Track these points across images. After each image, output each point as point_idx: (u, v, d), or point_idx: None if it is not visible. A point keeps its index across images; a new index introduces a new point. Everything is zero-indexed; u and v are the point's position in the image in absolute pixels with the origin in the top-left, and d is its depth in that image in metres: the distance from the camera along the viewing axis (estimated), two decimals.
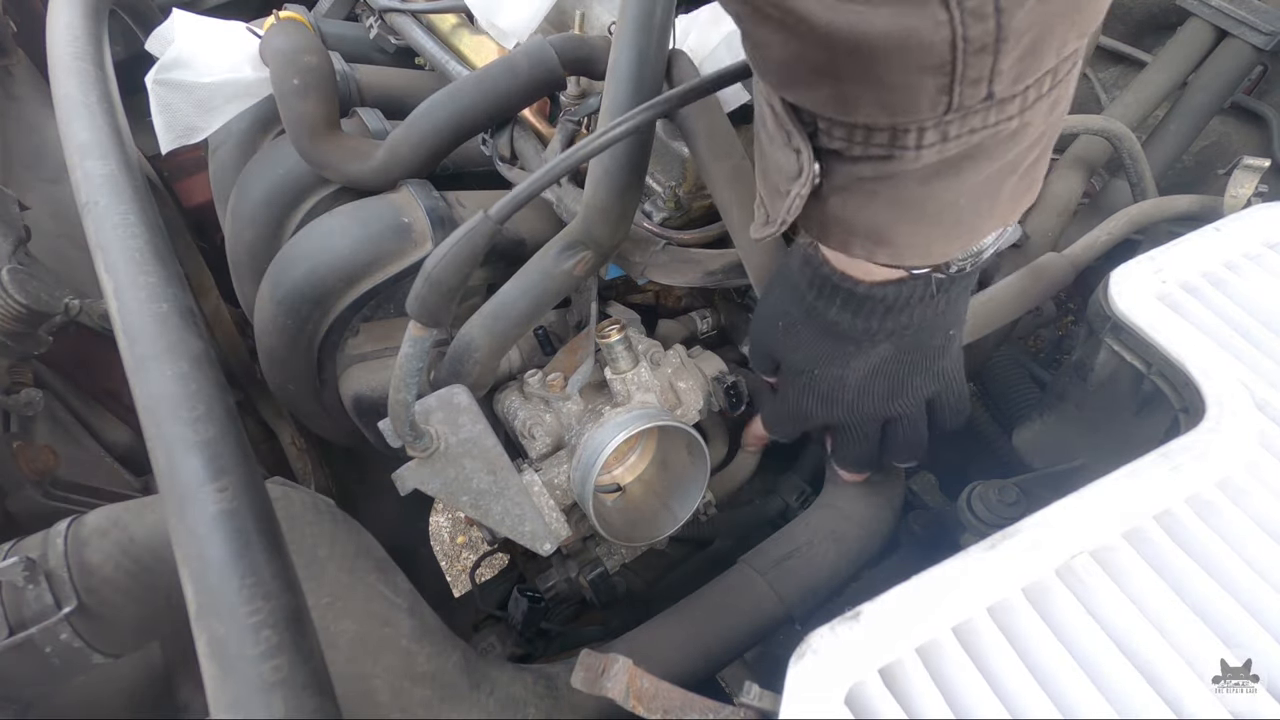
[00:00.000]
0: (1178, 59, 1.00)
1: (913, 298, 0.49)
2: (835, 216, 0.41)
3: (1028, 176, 0.39)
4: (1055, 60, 0.33)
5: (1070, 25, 0.32)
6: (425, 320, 0.50)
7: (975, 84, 0.32)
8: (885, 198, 0.38)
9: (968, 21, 0.29)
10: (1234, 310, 0.56)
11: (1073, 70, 0.35)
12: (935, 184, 0.37)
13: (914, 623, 0.41)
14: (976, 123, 0.34)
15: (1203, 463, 0.47)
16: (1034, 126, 0.35)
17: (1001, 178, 0.38)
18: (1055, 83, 0.34)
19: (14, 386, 0.60)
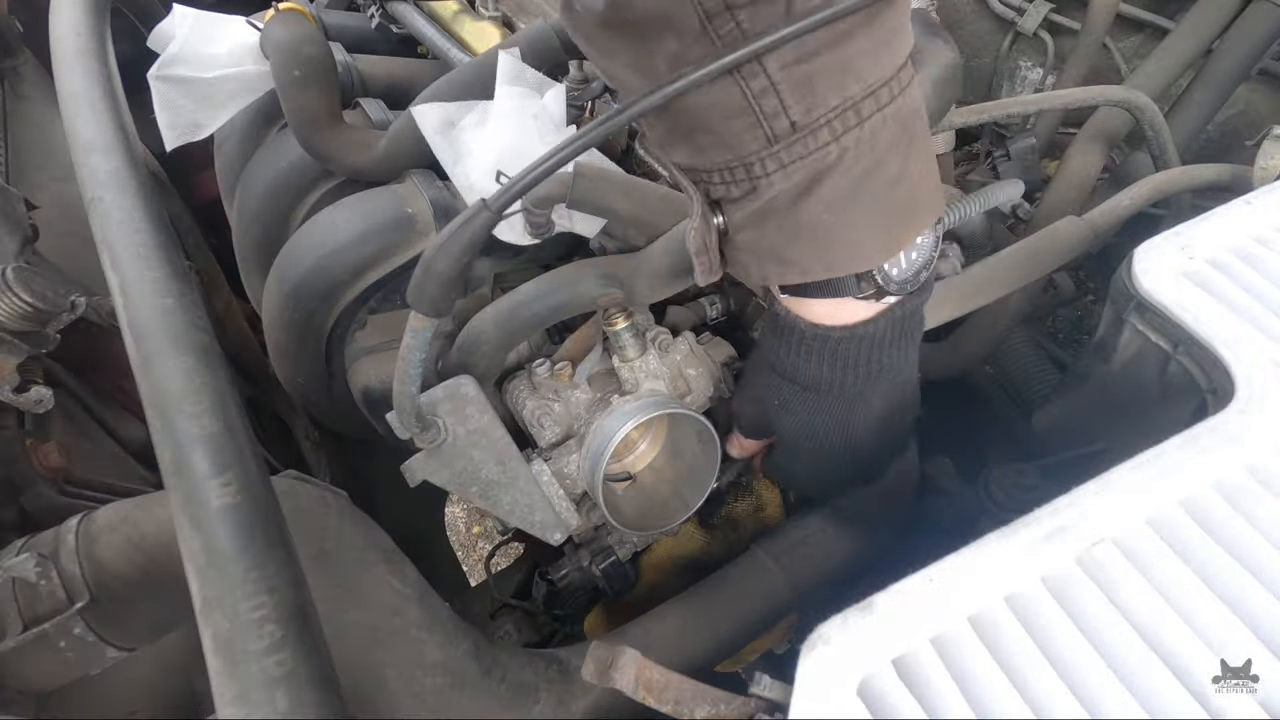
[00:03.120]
0: (1202, 25, 0.97)
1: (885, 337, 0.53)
2: (746, 250, 0.49)
3: (889, 194, 0.45)
4: (840, 99, 0.42)
5: (838, 78, 0.41)
6: (426, 310, 0.49)
7: (776, 117, 0.42)
8: (773, 224, 0.46)
9: (748, 80, 0.41)
10: (1266, 287, 0.54)
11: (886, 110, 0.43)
12: (800, 205, 0.45)
13: (929, 613, 0.40)
14: (800, 150, 0.43)
15: (1231, 446, 0.45)
16: (857, 154, 0.43)
17: (854, 195, 0.44)
18: (861, 120, 0.42)
19: (24, 385, 0.61)
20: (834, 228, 0.46)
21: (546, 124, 0.68)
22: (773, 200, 0.45)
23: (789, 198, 0.45)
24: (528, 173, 0.47)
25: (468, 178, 0.68)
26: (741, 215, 0.47)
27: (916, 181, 0.47)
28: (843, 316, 0.52)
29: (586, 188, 0.61)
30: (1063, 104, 0.81)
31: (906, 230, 0.49)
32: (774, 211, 0.46)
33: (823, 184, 0.44)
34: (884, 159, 0.44)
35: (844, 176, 0.44)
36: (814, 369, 0.55)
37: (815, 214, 0.45)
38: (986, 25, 1.24)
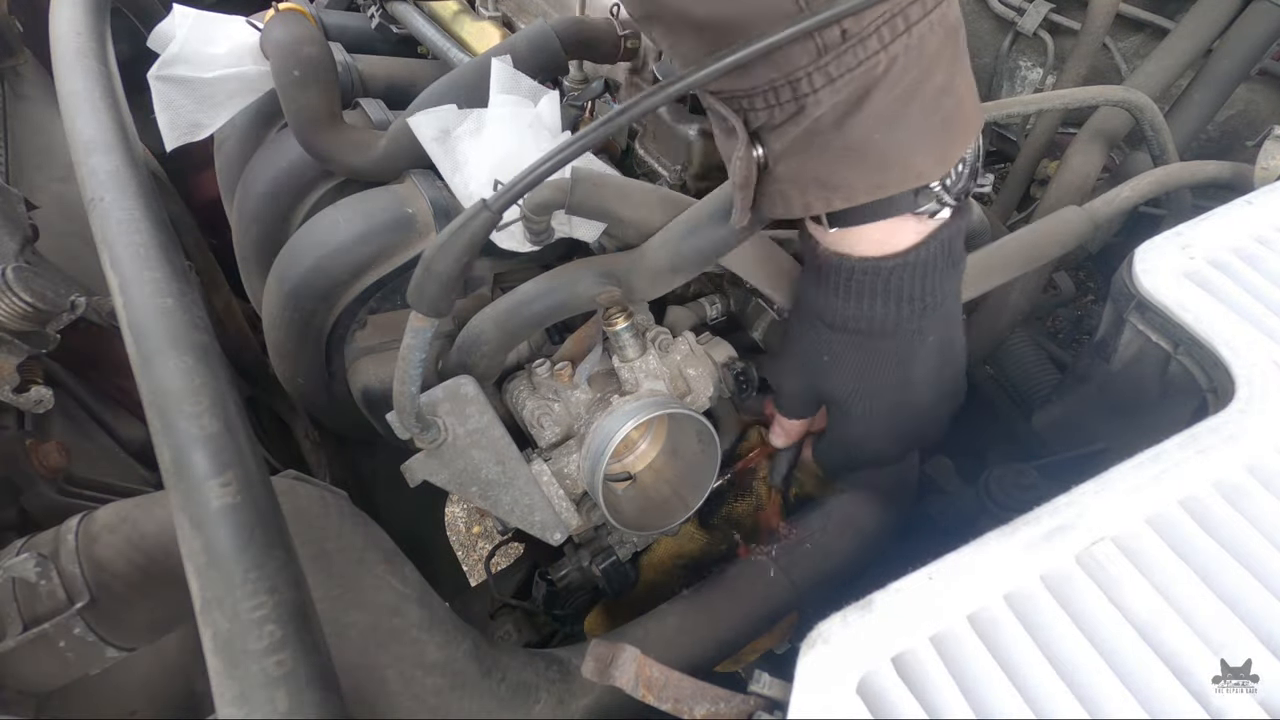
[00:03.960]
0: (1202, 25, 0.97)
1: (936, 261, 0.51)
2: (787, 179, 0.47)
3: (936, 105, 0.44)
4: (889, 3, 0.40)
5: None
6: (426, 310, 0.49)
7: (829, 25, 0.40)
8: (816, 146, 0.45)
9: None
10: (1266, 287, 0.54)
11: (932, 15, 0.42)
12: (847, 123, 0.43)
13: (928, 611, 0.40)
14: (850, 60, 0.41)
15: (1231, 445, 0.45)
16: (906, 63, 0.42)
17: (902, 106, 0.43)
18: (910, 24, 0.41)
19: (24, 385, 0.61)
20: (884, 145, 0.44)
21: (542, 132, 0.68)
22: (819, 121, 0.43)
23: (836, 116, 0.43)
24: (528, 173, 0.47)
25: (466, 187, 0.68)
26: (783, 143, 0.45)
27: (962, 94, 0.45)
28: (894, 243, 0.50)
29: (585, 193, 0.61)
30: (1063, 104, 0.81)
31: (957, 142, 0.47)
32: (819, 133, 0.44)
33: (871, 98, 0.42)
34: (931, 68, 0.43)
35: (893, 89, 0.42)
36: (867, 308, 0.53)
37: (864, 132, 0.43)
38: (986, 25, 1.24)
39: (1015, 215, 1.16)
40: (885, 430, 0.60)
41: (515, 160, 0.66)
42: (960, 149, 0.47)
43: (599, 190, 0.61)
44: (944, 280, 0.53)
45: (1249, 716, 0.36)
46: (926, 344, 0.55)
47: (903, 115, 0.43)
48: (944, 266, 0.52)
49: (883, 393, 0.57)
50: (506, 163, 0.67)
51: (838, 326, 0.55)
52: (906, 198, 0.48)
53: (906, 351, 0.55)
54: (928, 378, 0.57)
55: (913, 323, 0.53)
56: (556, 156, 0.47)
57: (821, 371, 0.58)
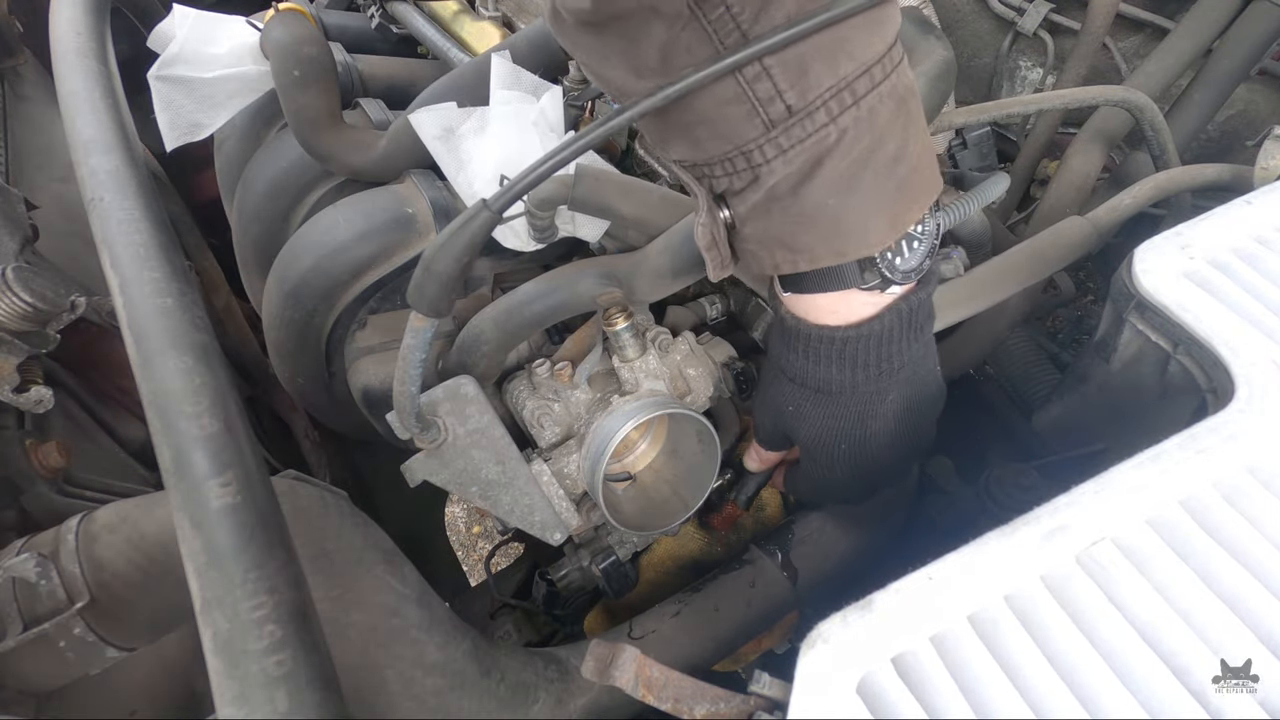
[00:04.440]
0: (1202, 25, 0.97)
1: (893, 333, 0.52)
2: (755, 240, 0.49)
3: (890, 172, 0.45)
4: (834, 79, 0.42)
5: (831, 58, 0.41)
6: (426, 310, 0.49)
7: (770, 102, 0.42)
8: (776, 211, 0.46)
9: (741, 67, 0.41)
10: (1266, 287, 0.54)
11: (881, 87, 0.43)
12: (802, 189, 0.45)
13: (928, 611, 0.40)
14: (799, 133, 0.43)
15: (1231, 445, 0.45)
16: (856, 134, 0.43)
17: (855, 174, 0.44)
18: (858, 99, 0.43)
19: (24, 385, 0.61)
20: (839, 211, 0.45)
21: (545, 129, 0.68)
22: (775, 188, 0.45)
23: (791, 184, 0.45)
24: (529, 173, 0.47)
25: (471, 185, 0.68)
26: (746, 207, 0.47)
27: (916, 159, 0.47)
28: (848, 314, 0.52)
29: (588, 188, 0.61)
30: (1063, 104, 0.81)
31: (910, 209, 0.48)
32: (777, 199, 0.45)
33: (824, 167, 0.44)
34: (883, 137, 0.44)
35: (844, 158, 0.44)
36: (824, 371, 0.54)
37: (819, 198, 0.45)
38: (986, 25, 1.24)
39: (1015, 215, 1.16)
40: (845, 477, 0.62)
41: (519, 158, 0.66)
42: (915, 214, 0.48)
43: (601, 186, 0.62)
44: (905, 347, 0.54)
45: (1249, 716, 0.36)
46: (885, 403, 0.56)
47: (856, 183, 0.45)
48: (904, 336, 0.53)
49: (842, 445, 0.59)
50: (510, 160, 0.67)
51: (798, 381, 0.57)
52: (851, 273, 0.49)
53: (865, 410, 0.56)
54: (888, 434, 0.58)
55: (869, 385, 0.54)
56: (557, 156, 0.47)
57: (787, 420, 0.61)
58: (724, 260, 0.51)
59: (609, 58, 0.44)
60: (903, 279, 0.50)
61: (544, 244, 0.67)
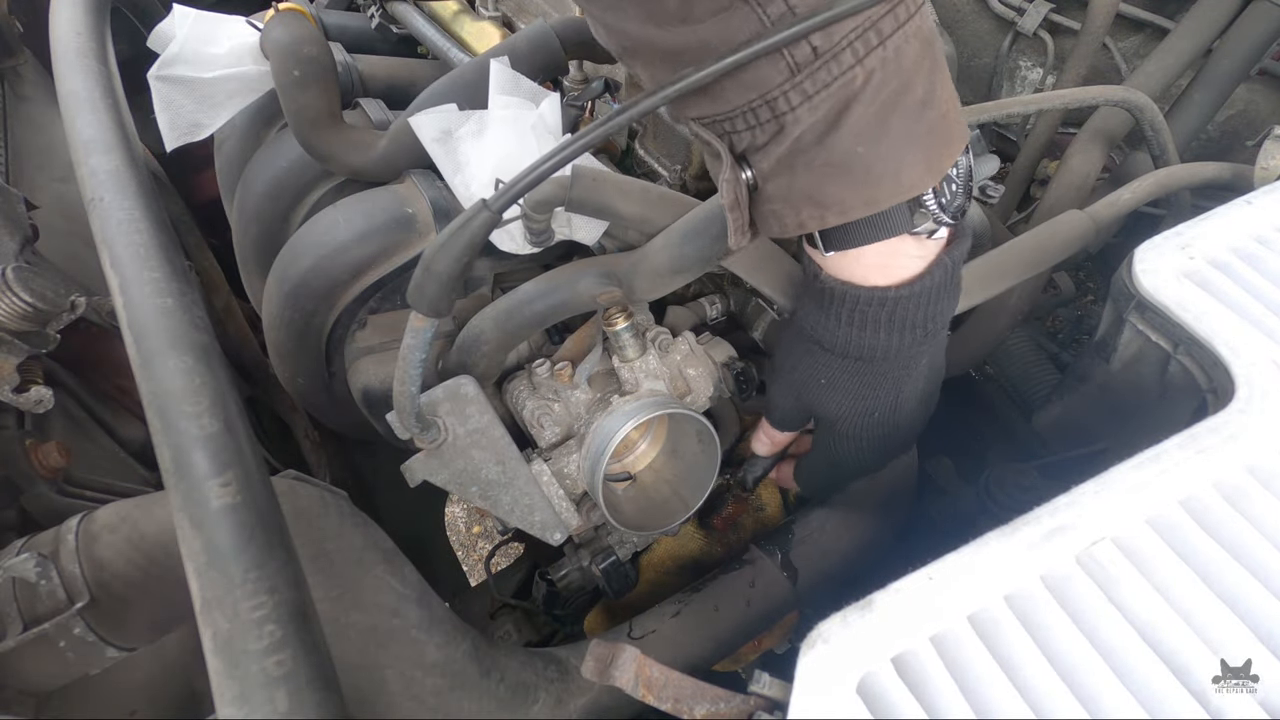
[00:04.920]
0: (1202, 25, 0.97)
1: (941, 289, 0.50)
2: (778, 199, 0.47)
3: (919, 115, 0.44)
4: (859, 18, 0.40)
5: None
6: (425, 310, 0.49)
7: (796, 44, 0.40)
8: (802, 164, 0.44)
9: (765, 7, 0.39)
10: (1266, 287, 0.54)
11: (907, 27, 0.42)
12: (829, 139, 0.43)
13: (928, 611, 0.40)
14: (824, 76, 0.41)
15: (1231, 445, 0.45)
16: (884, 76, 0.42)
17: (884, 119, 0.43)
18: (883, 39, 0.41)
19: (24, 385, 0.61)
20: (869, 159, 0.44)
21: (544, 133, 0.68)
22: (800, 138, 0.43)
23: (817, 133, 0.43)
24: (528, 173, 0.47)
25: (468, 188, 0.68)
26: (770, 162, 0.45)
27: (945, 103, 0.45)
28: (898, 270, 0.50)
29: (585, 189, 0.61)
30: (1063, 104, 0.81)
31: (946, 151, 0.46)
32: (803, 151, 0.44)
33: (851, 112, 0.42)
34: (910, 80, 0.42)
35: (872, 102, 0.42)
36: (869, 337, 0.52)
37: (847, 146, 0.43)
38: (986, 25, 1.24)
39: (1015, 215, 1.16)
40: (873, 447, 0.60)
41: (517, 161, 0.66)
42: (949, 159, 0.47)
43: (598, 186, 0.61)
44: (947, 306, 0.53)
45: (1249, 716, 0.36)
46: (919, 367, 0.55)
47: (885, 128, 0.43)
48: (948, 293, 0.52)
49: (875, 413, 0.57)
50: (508, 164, 0.67)
51: (838, 352, 0.55)
52: (902, 216, 0.47)
53: (903, 373, 0.55)
54: (917, 397, 0.58)
55: (912, 349, 0.53)
56: (556, 156, 0.46)
57: (817, 393, 0.58)
58: (745, 223, 0.49)
59: (624, 7, 0.43)
60: (952, 217, 0.48)
61: (540, 248, 0.66)
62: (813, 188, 0.45)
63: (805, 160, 0.44)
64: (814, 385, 0.58)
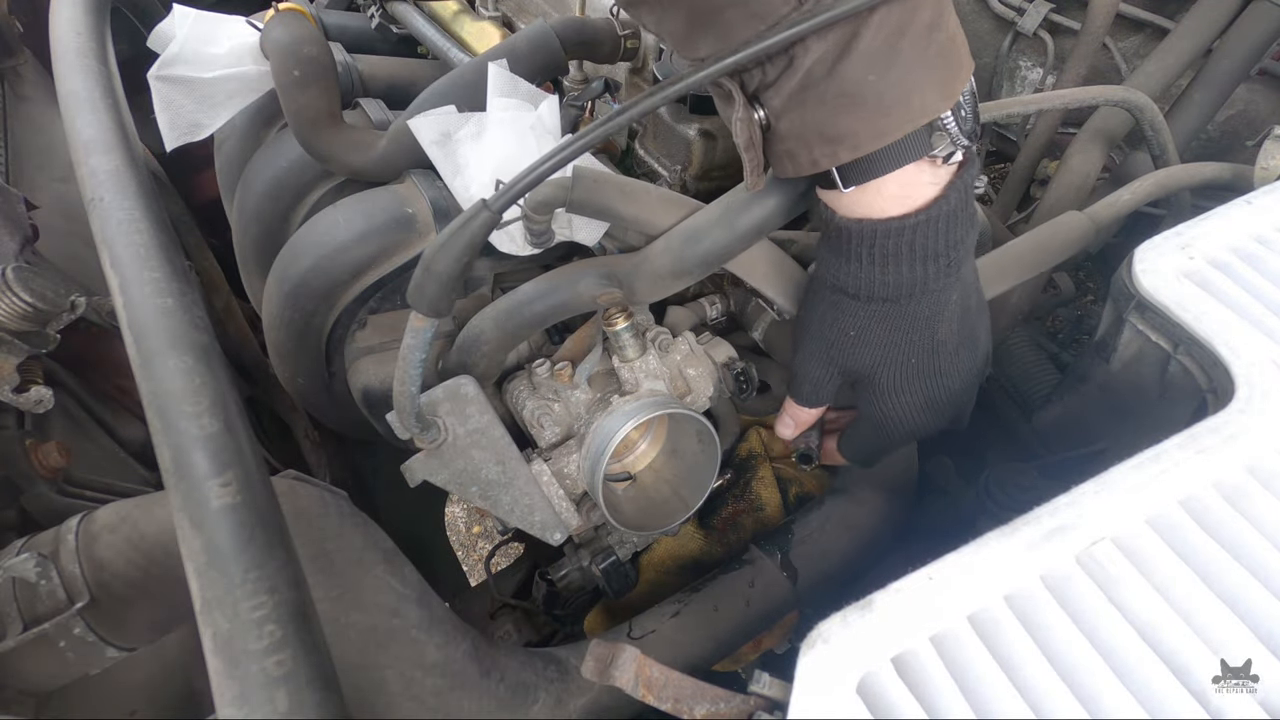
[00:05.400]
0: (1202, 25, 0.97)
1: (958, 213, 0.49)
2: (791, 136, 0.47)
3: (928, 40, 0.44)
4: None
5: None
6: (426, 310, 0.49)
7: None
8: (813, 98, 0.44)
9: None
10: (1266, 287, 0.54)
11: None
12: (838, 69, 0.43)
13: (928, 611, 0.40)
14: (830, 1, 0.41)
15: (1231, 445, 0.45)
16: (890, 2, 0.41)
17: (893, 45, 0.43)
18: None
19: (24, 385, 0.61)
20: (880, 87, 0.43)
21: (543, 135, 0.68)
22: (810, 72, 0.43)
23: (827, 64, 0.43)
24: (528, 173, 0.47)
25: (467, 190, 0.68)
26: (780, 99, 0.45)
27: (952, 29, 0.45)
28: (917, 196, 0.49)
29: (586, 190, 0.61)
30: (1063, 104, 0.81)
31: (957, 75, 0.46)
32: (813, 84, 0.44)
33: (859, 39, 0.42)
34: (918, 5, 0.42)
35: (881, 28, 0.42)
36: (893, 273, 0.51)
37: (858, 75, 0.43)
38: (986, 25, 1.24)
39: (1015, 215, 1.16)
40: (919, 401, 0.58)
41: (516, 163, 0.66)
42: (961, 82, 0.46)
43: (599, 187, 0.61)
44: (966, 233, 0.51)
45: (1249, 716, 0.36)
46: (950, 304, 0.53)
47: (895, 54, 0.43)
48: (965, 217, 0.51)
49: (913, 360, 0.55)
50: (507, 166, 0.67)
51: (864, 297, 0.53)
52: (921, 140, 0.46)
53: (934, 312, 0.53)
54: (953, 339, 0.55)
55: (939, 281, 0.51)
56: (556, 156, 0.47)
57: (848, 348, 0.57)
58: (759, 164, 0.49)
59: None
60: (969, 138, 0.47)
61: (540, 249, 0.66)
62: (825, 122, 0.45)
63: (817, 94, 0.44)
64: (843, 340, 0.56)
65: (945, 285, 0.52)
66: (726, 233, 0.59)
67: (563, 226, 0.66)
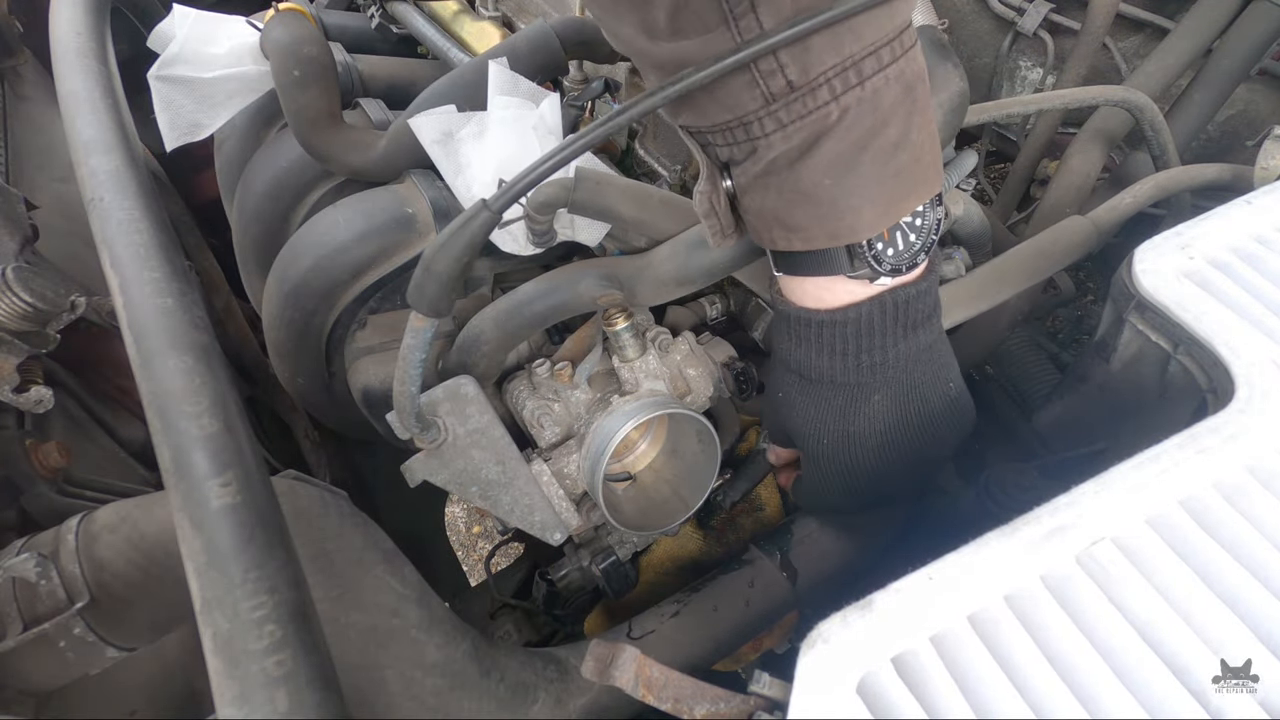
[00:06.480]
0: (1202, 25, 0.97)
1: (874, 323, 0.51)
2: (753, 213, 0.49)
3: (890, 157, 0.44)
4: (838, 58, 0.41)
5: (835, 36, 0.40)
6: (425, 310, 0.49)
7: (772, 75, 0.41)
8: (775, 186, 0.46)
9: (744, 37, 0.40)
10: (1266, 287, 0.54)
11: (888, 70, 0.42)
12: (800, 166, 0.44)
13: (928, 612, 0.40)
14: (799, 109, 0.42)
15: (1231, 445, 0.45)
16: (858, 114, 0.43)
17: (854, 156, 0.44)
18: (863, 79, 0.42)
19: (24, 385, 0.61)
20: (835, 192, 0.45)
21: (545, 134, 0.68)
22: (774, 162, 0.45)
23: (790, 160, 0.44)
24: (529, 173, 0.47)
25: (469, 189, 0.68)
26: (746, 178, 0.47)
27: (919, 149, 0.46)
28: (831, 300, 0.51)
29: (588, 191, 0.61)
30: (1063, 104, 0.81)
31: (907, 198, 0.47)
32: (775, 174, 0.45)
33: (822, 146, 0.43)
34: (886, 121, 0.43)
35: (844, 138, 0.43)
36: (804, 354, 0.54)
37: (816, 177, 0.44)
38: (986, 25, 1.24)
39: (1015, 215, 1.16)
40: (834, 479, 0.60)
41: (518, 163, 0.66)
42: (911, 205, 0.48)
43: (601, 189, 0.61)
44: (891, 342, 0.52)
45: (1249, 716, 0.36)
46: (871, 403, 0.55)
47: (854, 165, 0.44)
48: (888, 329, 0.52)
49: (825, 441, 0.58)
50: (509, 165, 0.67)
51: (787, 366, 0.57)
52: (840, 259, 0.48)
53: (848, 406, 0.55)
54: (875, 437, 0.56)
55: (850, 377, 0.54)
56: (556, 156, 0.47)
57: (778, 408, 0.60)
58: (723, 229, 0.52)
59: (621, 15, 0.44)
60: (891, 271, 0.49)
61: (542, 249, 0.66)
62: (783, 211, 0.47)
63: (777, 183, 0.46)
64: (775, 399, 0.60)
65: (861, 383, 0.54)
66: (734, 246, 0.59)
67: (565, 226, 0.66)
